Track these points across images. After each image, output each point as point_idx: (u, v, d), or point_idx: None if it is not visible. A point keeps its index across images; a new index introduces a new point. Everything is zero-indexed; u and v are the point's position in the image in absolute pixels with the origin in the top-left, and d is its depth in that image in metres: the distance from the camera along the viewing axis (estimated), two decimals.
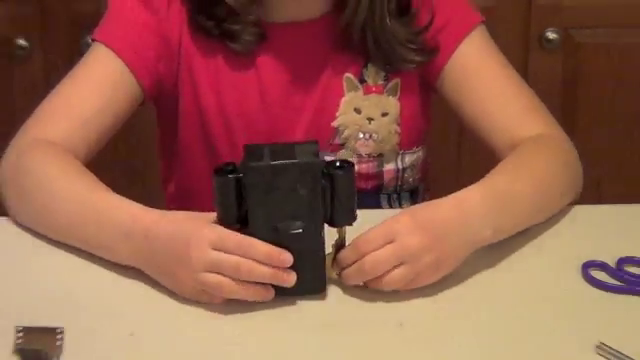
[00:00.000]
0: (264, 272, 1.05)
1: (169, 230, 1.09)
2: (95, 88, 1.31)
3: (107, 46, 1.32)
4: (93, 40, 1.34)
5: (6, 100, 2.09)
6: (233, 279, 1.05)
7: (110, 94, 1.31)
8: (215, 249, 1.05)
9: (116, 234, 1.13)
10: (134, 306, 1.11)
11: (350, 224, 1.12)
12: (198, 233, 1.06)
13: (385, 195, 1.43)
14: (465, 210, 1.14)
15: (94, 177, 1.21)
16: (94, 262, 1.17)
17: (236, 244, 1.05)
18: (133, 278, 1.14)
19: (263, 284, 1.06)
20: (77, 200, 1.18)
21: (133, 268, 1.14)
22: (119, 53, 1.31)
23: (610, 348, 1.02)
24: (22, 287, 1.15)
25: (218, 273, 1.05)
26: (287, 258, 1.05)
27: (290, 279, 1.06)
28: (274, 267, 1.05)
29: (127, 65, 1.31)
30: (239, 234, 1.06)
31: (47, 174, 1.21)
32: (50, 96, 1.31)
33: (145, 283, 1.13)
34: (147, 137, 1.43)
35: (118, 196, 1.17)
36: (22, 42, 2.11)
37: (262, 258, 1.04)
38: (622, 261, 1.17)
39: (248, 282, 1.06)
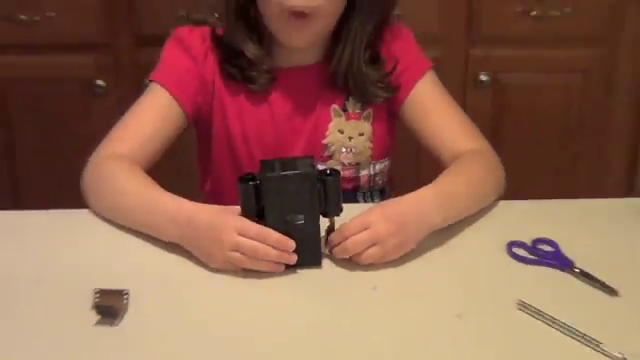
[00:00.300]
0: (274, 254, 1.06)
1: (206, 219, 1.09)
2: (151, 117, 1.30)
3: (161, 85, 1.31)
4: (150, 81, 1.33)
5: (87, 127, 2.07)
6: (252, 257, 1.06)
7: (161, 122, 1.30)
8: (239, 235, 1.05)
9: (165, 221, 1.13)
10: (179, 274, 1.12)
11: (338, 215, 1.12)
12: (228, 223, 1.07)
13: (361, 193, 1.43)
14: (421, 205, 1.15)
15: (151, 179, 1.21)
16: (150, 241, 1.17)
17: (255, 232, 1.05)
18: (178, 254, 1.14)
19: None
20: (138, 196, 1.18)
21: (178, 245, 1.14)
22: (169, 90, 1.31)
23: (527, 304, 1.03)
24: (98, 260, 1.15)
25: (241, 253, 1.06)
26: (291, 244, 1.06)
27: (293, 259, 1.07)
28: (282, 250, 1.06)
29: (175, 99, 1.30)
30: (257, 225, 1.06)
31: (116, 179, 1.21)
32: (118, 123, 1.30)
33: (187, 258, 1.13)
34: (189, 150, 1.43)
35: (168, 193, 1.16)
36: (101, 83, 2.12)
37: (273, 244, 1.05)
38: (536, 241, 1.17)
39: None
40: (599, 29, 2.12)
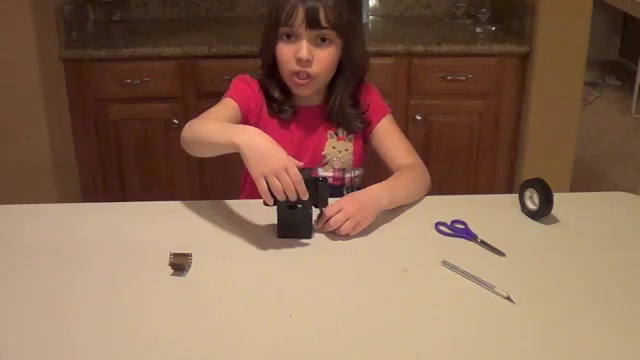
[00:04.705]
0: (294, 194, 1.02)
1: (269, 147, 1.03)
2: (223, 110, 1.24)
3: (230, 97, 1.27)
4: (224, 97, 1.28)
5: (167, 147, 2.07)
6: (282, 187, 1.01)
7: (228, 113, 1.23)
8: (285, 171, 1.01)
9: (234, 132, 1.05)
10: (224, 246, 1.08)
11: (325, 207, 1.09)
12: (284, 159, 1.01)
13: (345, 188, 1.38)
14: (374, 193, 1.14)
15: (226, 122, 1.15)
16: (207, 225, 1.13)
17: (293, 174, 1.01)
18: (224, 235, 1.10)
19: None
20: (217, 125, 1.12)
21: (225, 228, 1.09)
22: (234, 99, 1.26)
23: (448, 262, 1.01)
24: (174, 234, 1.11)
25: (278, 178, 1.00)
26: (305, 191, 1.02)
27: (305, 196, 1.02)
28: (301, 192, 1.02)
29: (237, 103, 1.26)
30: (298, 171, 1.01)
31: (205, 119, 1.17)
32: (205, 112, 1.24)
33: (229, 238, 1.09)
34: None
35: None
36: (175, 121, 2.07)
37: (297, 186, 1.01)
38: (453, 222, 1.14)
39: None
40: (489, 87, 2.11)
